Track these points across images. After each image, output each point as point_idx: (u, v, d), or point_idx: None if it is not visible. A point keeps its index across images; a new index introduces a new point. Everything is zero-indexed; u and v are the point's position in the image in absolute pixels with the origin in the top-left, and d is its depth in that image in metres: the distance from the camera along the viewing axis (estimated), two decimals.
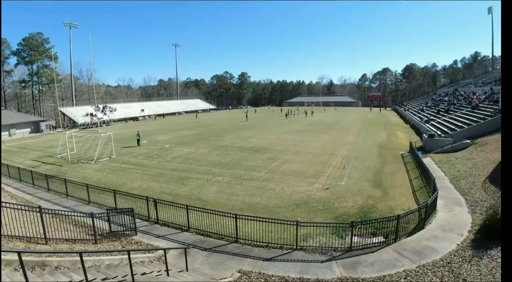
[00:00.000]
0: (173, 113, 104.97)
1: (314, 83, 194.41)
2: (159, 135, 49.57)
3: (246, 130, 53.47)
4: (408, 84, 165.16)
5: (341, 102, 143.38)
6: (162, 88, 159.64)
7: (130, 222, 14.66)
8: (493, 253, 11.22)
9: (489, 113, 36.59)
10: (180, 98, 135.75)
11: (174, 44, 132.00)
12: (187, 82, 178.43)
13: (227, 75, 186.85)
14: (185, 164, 28.81)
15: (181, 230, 15.12)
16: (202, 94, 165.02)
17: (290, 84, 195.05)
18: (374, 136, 45.10)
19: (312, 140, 41.68)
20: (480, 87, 63.09)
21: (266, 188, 21.49)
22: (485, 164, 22.78)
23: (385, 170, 25.94)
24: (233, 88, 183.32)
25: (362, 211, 17.17)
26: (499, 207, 12.81)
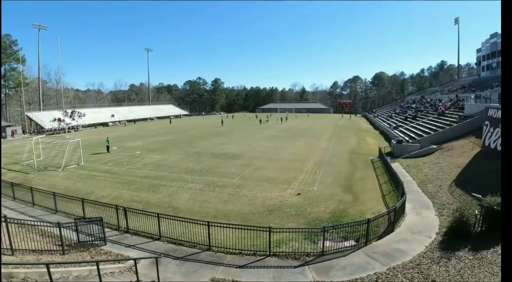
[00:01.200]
0: (144, 119, 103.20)
1: (287, 90, 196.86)
2: (130, 141, 48.51)
3: (220, 137, 53.23)
4: (377, 92, 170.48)
5: (313, 109, 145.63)
6: (134, 93, 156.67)
7: (99, 231, 14.20)
8: (461, 254, 11.63)
9: (455, 119, 38.06)
10: (152, 103, 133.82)
11: (146, 49, 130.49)
12: (160, 88, 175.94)
13: (200, 81, 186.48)
14: (157, 171, 28.30)
15: (152, 239, 14.74)
16: (175, 100, 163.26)
17: (263, 90, 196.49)
18: (345, 142, 45.97)
19: (285, 146, 41.98)
20: (446, 95, 65.58)
21: (239, 194, 21.42)
22: (451, 168, 23.66)
23: (355, 175, 26.47)
24: (206, 94, 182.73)
25: (334, 216, 17.40)
26: (465, 210, 13.31)
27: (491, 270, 10.32)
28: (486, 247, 11.81)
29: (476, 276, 10.20)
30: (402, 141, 36.71)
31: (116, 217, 15.76)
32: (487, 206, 12.96)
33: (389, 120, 65.30)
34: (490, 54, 70.81)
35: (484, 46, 74.73)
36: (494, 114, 23.88)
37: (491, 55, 70.54)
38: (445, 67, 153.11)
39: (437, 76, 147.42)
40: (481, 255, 11.36)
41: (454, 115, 40.79)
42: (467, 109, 37.38)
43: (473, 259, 11.23)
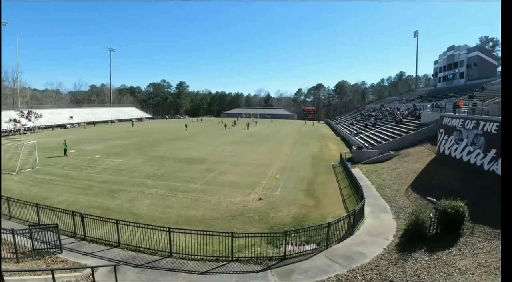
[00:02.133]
0: (105, 122, 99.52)
1: (252, 96, 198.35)
2: (89, 144, 46.59)
3: (183, 141, 52.43)
4: (339, 100, 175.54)
5: (278, 115, 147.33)
6: (94, 94, 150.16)
7: (55, 238, 13.46)
8: (417, 255, 12.07)
9: (412, 127, 39.75)
10: (114, 105, 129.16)
11: (109, 49, 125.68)
12: (122, 89, 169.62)
13: (164, 83, 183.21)
14: (117, 176, 27.36)
15: (111, 246, 14.11)
16: (138, 102, 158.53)
17: (229, 95, 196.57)
18: (308, 148, 46.75)
19: (249, 151, 42.03)
20: (404, 104, 68.46)
21: (202, 199, 21.11)
22: (407, 173, 24.63)
23: (317, 180, 26.92)
24: (170, 97, 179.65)
25: (296, 220, 17.54)
26: (420, 213, 13.88)
27: (447, 271, 10.75)
28: (441, 249, 12.35)
29: (432, 276, 10.58)
30: (362, 147, 37.82)
31: (72, 224, 14.95)
32: (441, 209, 13.56)
33: (350, 127, 67.10)
34: (447, 66, 74.80)
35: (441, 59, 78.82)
36: (448, 123, 25.15)
37: (448, 67, 74.53)
38: (404, 77, 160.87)
39: (396, 86, 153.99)
40: (436, 256, 11.84)
41: (411, 123, 42.58)
42: (424, 117, 39.14)
43: (429, 260, 11.68)
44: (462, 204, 13.28)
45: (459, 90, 58.01)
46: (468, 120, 22.11)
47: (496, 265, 10.30)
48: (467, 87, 57.04)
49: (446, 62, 75.01)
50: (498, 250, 11.42)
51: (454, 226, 13.39)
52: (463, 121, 22.79)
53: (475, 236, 13.05)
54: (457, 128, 23.34)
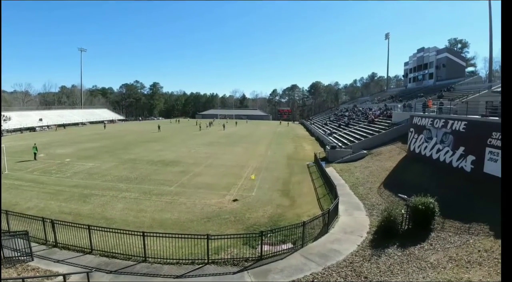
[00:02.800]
0: (76, 124, 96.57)
1: (227, 97, 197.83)
2: (59, 148, 45.03)
3: (157, 143, 51.57)
4: (314, 100, 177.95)
5: (253, 115, 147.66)
6: (65, 96, 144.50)
7: (25, 246, 12.92)
8: (390, 251, 12.36)
9: (383, 127, 40.68)
10: (85, 107, 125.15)
11: (80, 49, 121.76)
12: (93, 90, 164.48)
13: (137, 84, 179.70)
14: (88, 180, 26.57)
15: (83, 253, 13.61)
16: (110, 104, 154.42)
17: (204, 96, 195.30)
18: (283, 148, 47.04)
19: (224, 152, 41.83)
20: (376, 104, 70.02)
21: (177, 202, 20.81)
22: (380, 172, 25.18)
23: (292, 179, 27.10)
24: (144, 99, 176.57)
25: (272, 220, 17.57)
26: (392, 210, 14.22)
27: (419, 265, 11.05)
28: (413, 244, 12.69)
29: (405, 271, 10.85)
30: (335, 146, 38.36)
31: (43, 231, 14.37)
32: (412, 205, 13.93)
33: (324, 127, 67.98)
34: (417, 67, 77.12)
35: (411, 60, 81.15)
36: (418, 122, 25.87)
37: (417, 68, 76.85)
38: (375, 78, 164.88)
39: (368, 87, 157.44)
40: (409, 251, 12.15)
41: (383, 123, 43.59)
42: (395, 117, 40.18)
43: (402, 255, 11.96)
44: (432, 200, 13.68)
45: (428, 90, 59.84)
46: (437, 119, 22.82)
47: (467, 259, 10.66)
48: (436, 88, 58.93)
49: (416, 63, 77.29)
50: (468, 244, 11.83)
51: (425, 222, 13.77)
52: (432, 121, 23.50)
53: (445, 231, 13.45)
54: (427, 127, 24.04)
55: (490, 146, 16.33)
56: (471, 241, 11.95)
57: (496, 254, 10.40)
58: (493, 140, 16.10)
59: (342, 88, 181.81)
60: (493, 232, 12.01)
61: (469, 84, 51.44)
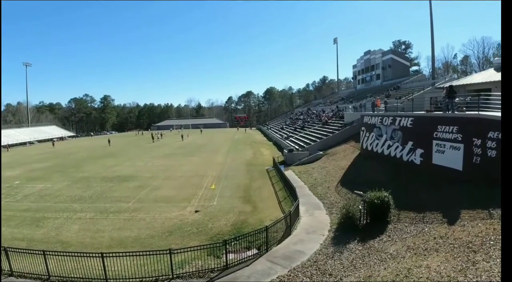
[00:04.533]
0: (23, 143, 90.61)
1: (182, 106, 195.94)
2: (6, 170, 41.79)
3: (111, 158, 49.62)
4: (269, 106, 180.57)
5: (210, 124, 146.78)
6: (10, 114, 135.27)
7: None
8: (352, 246, 12.71)
9: (336, 127, 41.99)
10: (32, 125, 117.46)
11: (24, 63, 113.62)
12: (40, 107, 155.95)
13: (87, 98, 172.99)
14: (40, 202, 24.96)
15: (40, 280, 12.73)
16: (59, 120, 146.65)
17: (158, 107, 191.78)
18: (241, 155, 47.06)
19: (182, 163, 41.10)
20: (328, 106, 72.29)
21: (136, 218, 20.07)
22: (336, 170, 25.91)
23: (253, 185, 27.18)
24: (95, 113, 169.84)
25: (235, 228, 17.45)
26: (350, 206, 14.69)
27: (380, 257, 11.42)
28: (372, 237, 13.12)
29: (367, 264, 11.17)
30: (293, 149, 39.04)
31: None
32: (368, 200, 14.43)
33: (281, 131, 69.02)
34: (364, 69, 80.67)
35: (359, 62, 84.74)
36: (368, 121, 26.93)
37: (365, 70, 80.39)
38: (327, 81, 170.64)
39: (320, 90, 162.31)
40: (369, 245, 12.55)
41: (336, 123, 45.02)
42: (346, 118, 41.60)
43: (363, 249, 12.33)
44: (386, 194, 14.26)
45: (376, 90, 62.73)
46: (386, 117, 23.90)
47: (424, 247, 11.14)
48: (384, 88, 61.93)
49: (364, 65, 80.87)
50: (424, 232, 12.39)
51: (382, 215, 14.31)
52: (381, 119, 24.56)
53: (401, 222, 14.03)
54: (377, 125, 25.08)
55: (436, 139, 17.36)
56: (426, 229, 12.53)
57: (451, 239, 10.95)
58: (439, 133, 17.15)
59: (295, 92, 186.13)
60: (446, 219, 12.69)
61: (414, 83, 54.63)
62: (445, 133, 16.72)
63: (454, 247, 10.29)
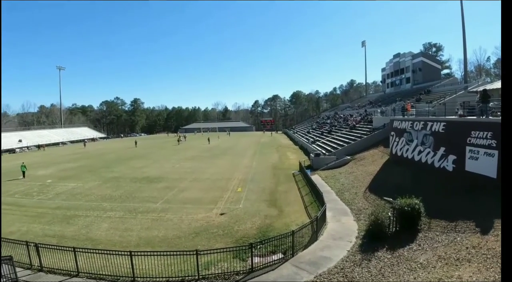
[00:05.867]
0: (56, 144, 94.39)
1: (209, 110, 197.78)
2: (40, 169, 43.80)
3: (139, 160, 50.77)
4: (295, 109, 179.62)
5: (236, 127, 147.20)
6: (44, 116, 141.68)
7: (10, 271, 12.41)
8: (380, 254, 12.36)
9: (365, 132, 41.27)
10: (65, 126, 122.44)
11: (58, 67, 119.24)
12: (73, 109, 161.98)
13: (118, 101, 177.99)
14: (71, 201, 25.87)
15: (69, 276, 13.14)
16: (90, 122, 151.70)
17: (186, 110, 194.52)
18: (267, 159, 46.97)
19: (209, 166, 41.49)
20: (356, 110, 71.08)
21: (163, 219, 20.41)
22: (364, 176, 25.41)
23: (279, 189, 27.04)
24: (125, 115, 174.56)
25: (261, 231, 17.41)
26: (379, 213, 14.31)
27: (409, 266, 11.09)
28: (402, 246, 12.74)
29: (395, 273, 10.87)
30: (319, 154, 38.63)
31: (27, 255, 13.87)
32: (398, 207, 14.05)
33: (307, 135, 68.44)
34: (394, 72, 78.88)
35: (388, 66, 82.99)
36: (398, 125, 26.32)
37: (394, 73, 78.60)
38: (354, 85, 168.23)
39: (348, 94, 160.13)
40: (398, 253, 12.20)
41: (364, 128, 44.24)
42: (375, 122, 40.82)
43: (391, 257, 12.00)
44: (417, 201, 13.86)
45: (406, 94, 61.21)
46: (417, 122, 23.28)
47: (456, 257, 10.74)
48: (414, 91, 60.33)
49: (393, 68, 79.12)
50: (456, 242, 11.95)
51: (412, 223, 13.90)
52: (412, 123, 23.95)
53: (432, 230, 13.59)
54: (407, 130, 24.48)
55: (470, 145, 16.74)
56: (458, 239, 12.09)
57: (484, 250, 10.53)
58: (473, 139, 16.52)
59: (322, 96, 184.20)
60: (479, 228, 12.20)
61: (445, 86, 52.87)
62: (479, 139, 16.09)
63: (487, 258, 9.90)
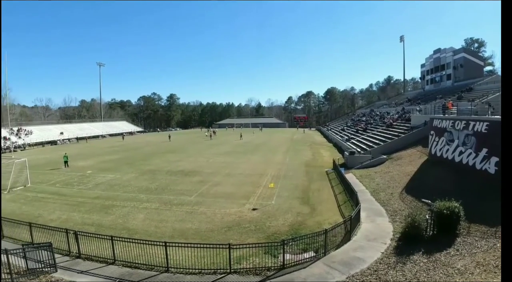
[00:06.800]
0: (96, 137, 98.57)
1: (243, 106, 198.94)
2: (80, 160, 45.90)
3: (175, 153, 52.01)
4: (330, 106, 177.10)
5: (269, 123, 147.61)
6: (84, 110, 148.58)
7: (49, 257, 13.15)
8: (415, 258, 12.02)
9: (402, 130, 40.08)
10: (104, 120, 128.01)
11: (98, 63, 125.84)
12: (112, 104, 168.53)
13: (155, 96, 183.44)
14: (109, 191, 26.98)
15: (106, 264, 13.77)
16: (128, 116, 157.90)
17: (220, 106, 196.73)
18: (300, 156, 46.72)
19: (241, 161, 41.85)
20: (393, 108, 69.13)
21: (197, 212, 20.83)
22: (401, 177, 24.72)
23: (312, 187, 26.85)
24: (161, 110, 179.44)
25: (293, 228, 17.37)
26: (416, 215, 13.90)
27: (446, 272, 10.73)
28: (439, 250, 12.32)
29: (431, 278, 10.54)
30: (354, 152, 37.94)
31: (66, 242, 14.64)
32: (436, 210, 13.59)
33: (341, 133, 67.46)
34: (434, 69, 75.95)
35: (427, 62, 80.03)
36: (438, 124, 25.37)
37: (435, 70, 75.66)
38: (392, 82, 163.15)
39: (384, 91, 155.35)
40: (434, 258, 11.82)
41: (402, 126, 42.96)
42: (413, 120, 39.52)
43: (427, 262, 11.64)
44: (457, 205, 13.34)
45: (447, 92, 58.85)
46: (458, 121, 22.34)
47: (495, 263, 10.30)
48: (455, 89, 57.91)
49: (433, 64, 76.23)
50: (495, 248, 11.44)
51: (450, 227, 13.42)
52: (453, 123, 23.02)
53: (471, 235, 13.08)
54: (448, 130, 23.56)
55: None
56: (499, 245, 11.55)
57: None
58: None
59: (358, 93, 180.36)
60: None
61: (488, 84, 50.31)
62: None
63: None
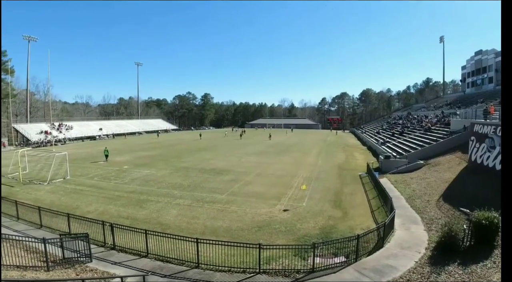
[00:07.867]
0: (133, 133, 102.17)
1: (276, 106, 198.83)
2: (118, 156, 47.72)
3: (208, 152, 52.90)
4: (364, 108, 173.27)
5: (302, 124, 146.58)
6: (122, 107, 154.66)
7: (85, 248, 13.80)
8: (450, 269, 11.59)
9: (441, 135, 38.63)
10: (141, 117, 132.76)
11: (136, 63, 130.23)
12: (149, 102, 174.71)
13: (189, 95, 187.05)
14: (144, 186, 27.86)
15: (139, 256, 14.31)
16: (164, 114, 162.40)
17: (252, 106, 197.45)
18: (333, 158, 46.18)
19: (273, 162, 41.88)
20: (432, 111, 66.74)
21: (228, 210, 21.10)
22: (438, 183, 23.85)
23: (344, 190, 26.48)
24: (195, 109, 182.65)
25: (323, 232, 17.23)
26: (453, 224, 13.38)
27: None
28: (476, 262, 11.81)
29: None
30: (389, 156, 37.00)
31: (102, 233, 15.32)
32: (475, 220, 13.03)
33: (376, 136, 65.96)
34: (475, 71, 72.68)
35: (468, 63, 76.69)
36: (480, 130, 24.27)
37: (476, 72, 72.39)
38: (430, 84, 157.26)
39: (423, 93, 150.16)
40: (470, 270, 11.35)
41: (440, 131, 41.42)
42: (453, 125, 38.00)
43: (463, 273, 11.20)
44: (496, 215, 12.73)
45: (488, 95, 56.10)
46: (500, 127, 21.29)
47: None
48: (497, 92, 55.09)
49: (474, 67, 72.99)
50: None
51: (489, 238, 12.82)
52: (495, 128, 21.95)
53: None
54: (489, 136, 22.50)
55: None
56: None
57: None
58: None
59: (394, 95, 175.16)
60: None
61: None
62: None
63: None
